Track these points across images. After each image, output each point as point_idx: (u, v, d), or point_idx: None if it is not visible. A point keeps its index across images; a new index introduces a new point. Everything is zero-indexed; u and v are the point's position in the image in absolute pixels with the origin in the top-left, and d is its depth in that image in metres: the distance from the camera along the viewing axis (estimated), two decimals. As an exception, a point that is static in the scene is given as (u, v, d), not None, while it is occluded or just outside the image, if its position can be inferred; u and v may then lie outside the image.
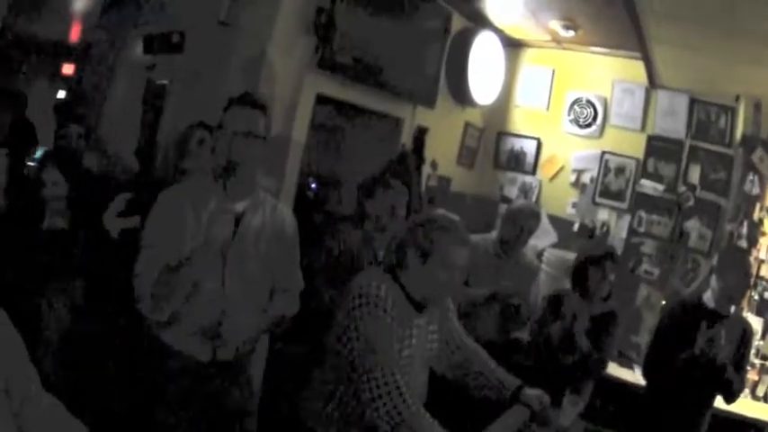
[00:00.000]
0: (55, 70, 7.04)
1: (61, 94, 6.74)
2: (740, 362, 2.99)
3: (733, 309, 3.10)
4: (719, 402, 3.09)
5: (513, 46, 5.05)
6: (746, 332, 3.07)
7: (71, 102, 5.11)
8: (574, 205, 4.91)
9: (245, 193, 2.24)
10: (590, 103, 4.87)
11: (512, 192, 5.07)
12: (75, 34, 6.75)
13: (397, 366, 1.91)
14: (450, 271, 2.07)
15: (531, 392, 2.34)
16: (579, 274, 3.26)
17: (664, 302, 4.44)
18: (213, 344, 2.17)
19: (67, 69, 7.08)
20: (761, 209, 4.37)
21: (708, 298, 3.09)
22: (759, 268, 4.23)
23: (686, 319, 3.03)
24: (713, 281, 3.07)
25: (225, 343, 2.18)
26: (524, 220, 3.53)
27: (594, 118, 4.85)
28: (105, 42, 5.29)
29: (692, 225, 4.53)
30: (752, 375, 3.97)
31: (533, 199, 4.96)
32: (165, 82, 3.83)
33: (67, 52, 7.01)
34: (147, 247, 2.13)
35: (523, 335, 3.61)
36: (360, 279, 2.08)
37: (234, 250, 2.18)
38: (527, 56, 5.14)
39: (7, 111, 3.74)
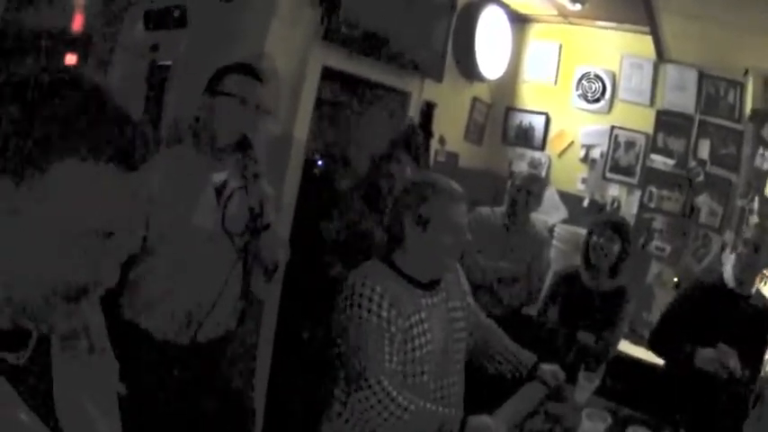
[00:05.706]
0: (58, 61, 6.98)
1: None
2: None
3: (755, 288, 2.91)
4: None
5: (520, 21, 4.99)
6: None
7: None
8: (584, 181, 4.86)
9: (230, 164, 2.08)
10: (598, 77, 4.81)
11: (521, 167, 4.99)
12: (77, 24, 6.70)
13: (383, 372, 1.78)
14: (455, 233, 1.95)
15: (547, 368, 2.32)
16: (584, 246, 3.19)
17: (675, 279, 4.40)
18: (192, 328, 2.04)
19: (70, 59, 7.02)
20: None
21: (728, 277, 2.90)
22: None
23: (703, 302, 2.91)
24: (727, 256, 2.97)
25: (206, 325, 2.06)
26: (527, 184, 3.58)
27: (603, 93, 4.79)
28: (106, 26, 5.25)
29: (703, 200, 4.47)
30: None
31: (543, 174, 4.89)
32: (169, 62, 3.78)
33: (71, 42, 6.96)
34: None
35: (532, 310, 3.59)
36: (353, 277, 1.95)
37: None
38: (534, 31, 5.08)
39: None
